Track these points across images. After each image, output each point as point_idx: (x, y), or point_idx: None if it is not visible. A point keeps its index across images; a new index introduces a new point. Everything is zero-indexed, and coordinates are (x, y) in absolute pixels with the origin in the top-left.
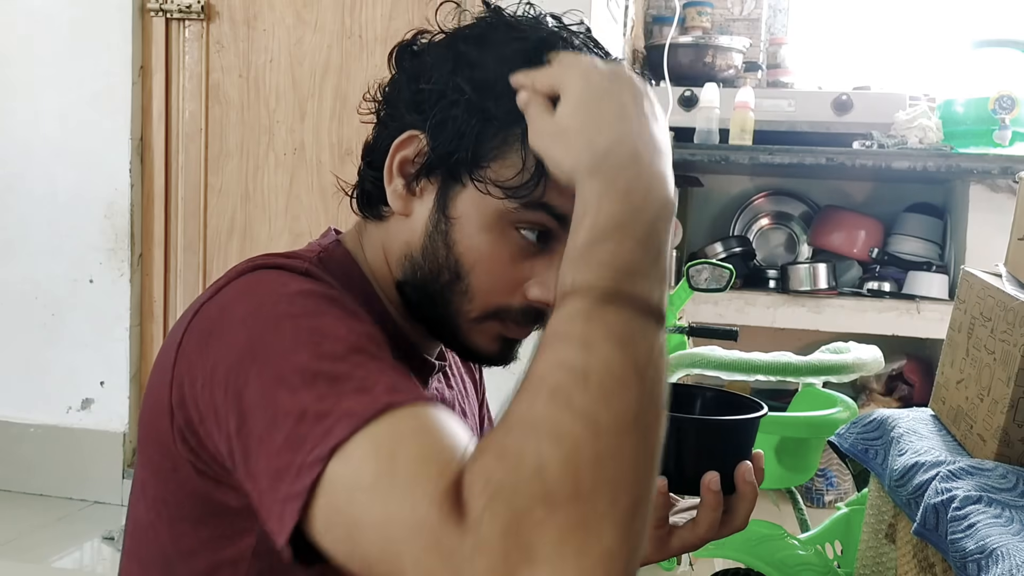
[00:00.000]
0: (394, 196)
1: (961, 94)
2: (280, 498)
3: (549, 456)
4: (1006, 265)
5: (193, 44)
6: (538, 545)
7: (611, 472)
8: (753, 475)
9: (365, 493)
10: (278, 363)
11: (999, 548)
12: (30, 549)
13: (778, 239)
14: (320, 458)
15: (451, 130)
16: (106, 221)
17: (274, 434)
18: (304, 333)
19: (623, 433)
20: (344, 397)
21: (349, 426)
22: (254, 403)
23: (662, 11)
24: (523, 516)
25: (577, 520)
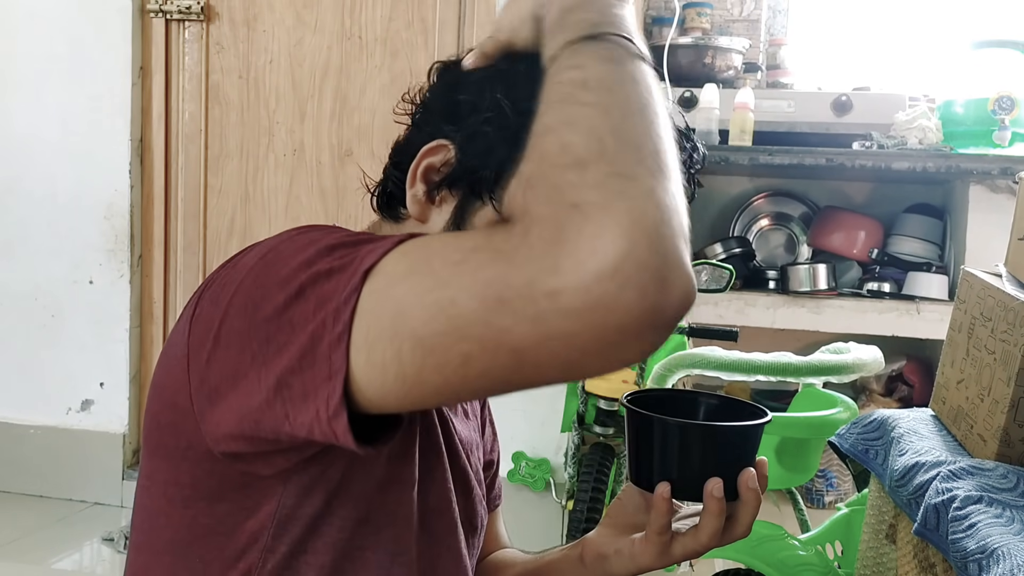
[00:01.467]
0: (413, 200)
1: (961, 95)
2: (323, 355)
3: (568, 136)
4: (1006, 265)
5: (193, 45)
6: (582, 198)
7: (630, 137)
8: (756, 482)
9: (403, 280)
10: (293, 261)
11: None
12: (30, 550)
13: (778, 240)
14: (354, 288)
15: (480, 146)
16: (106, 222)
17: (304, 307)
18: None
19: (632, 114)
20: (366, 245)
21: (375, 256)
22: (276, 303)
23: (662, 12)
24: (560, 183)
25: (609, 172)
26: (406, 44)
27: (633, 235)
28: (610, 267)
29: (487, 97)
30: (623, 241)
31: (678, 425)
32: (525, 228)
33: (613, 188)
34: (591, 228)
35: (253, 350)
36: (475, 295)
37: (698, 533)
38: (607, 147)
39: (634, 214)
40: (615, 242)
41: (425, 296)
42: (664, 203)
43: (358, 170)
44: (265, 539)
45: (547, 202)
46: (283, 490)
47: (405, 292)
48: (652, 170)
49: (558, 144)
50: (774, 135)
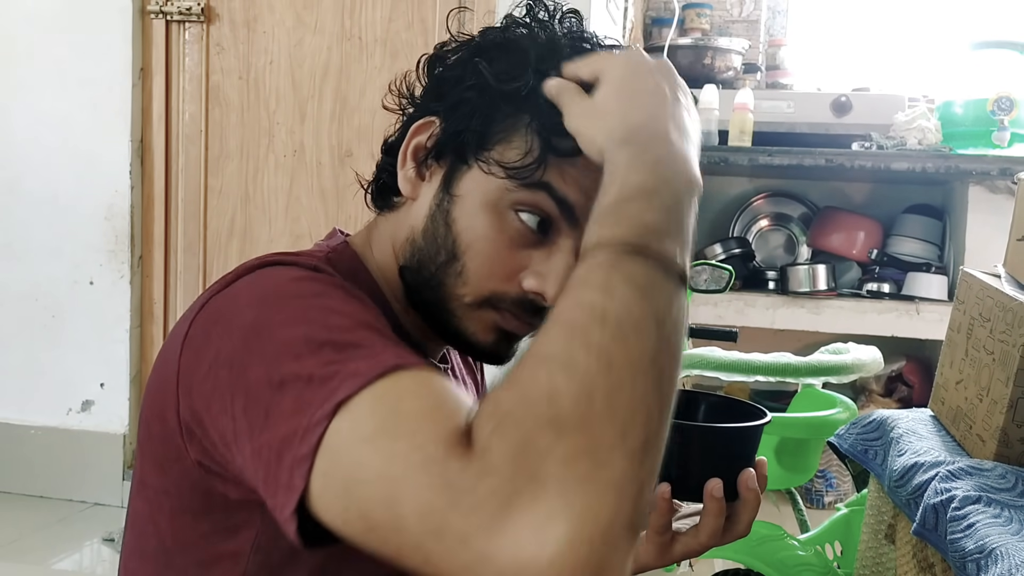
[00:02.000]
0: (404, 180)
1: (960, 95)
2: (287, 466)
3: (560, 385)
4: (1005, 266)
5: (193, 46)
6: (544, 470)
7: (622, 407)
8: (756, 482)
9: (366, 442)
10: (283, 338)
11: (998, 548)
12: (30, 551)
13: (777, 240)
14: (325, 416)
15: (463, 112)
16: (106, 223)
17: (281, 404)
18: (312, 310)
19: (637, 373)
20: (350, 361)
21: (354, 385)
22: (259, 379)
23: (661, 12)
24: (531, 441)
25: (585, 447)
26: (406, 45)
27: (580, 535)
28: (545, 560)
29: (467, 67)
30: (566, 541)
31: (678, 425)
32: (481, 471)
33: (579, 471)
34: (542, 510)
35: (234, 411)
36: (418, 512)
37: (698, 533)
38: (593, 413)
39: (589, 512)
40: (558, 537)
41: (377, 481)
42: (627, 491)
43: (358, 170)
44: (244, 564)
45: (510, 458)
46: (260, 519)
47: (363, 460)
48: (632, 447)
49: (547, 389)
50: (773, 136)
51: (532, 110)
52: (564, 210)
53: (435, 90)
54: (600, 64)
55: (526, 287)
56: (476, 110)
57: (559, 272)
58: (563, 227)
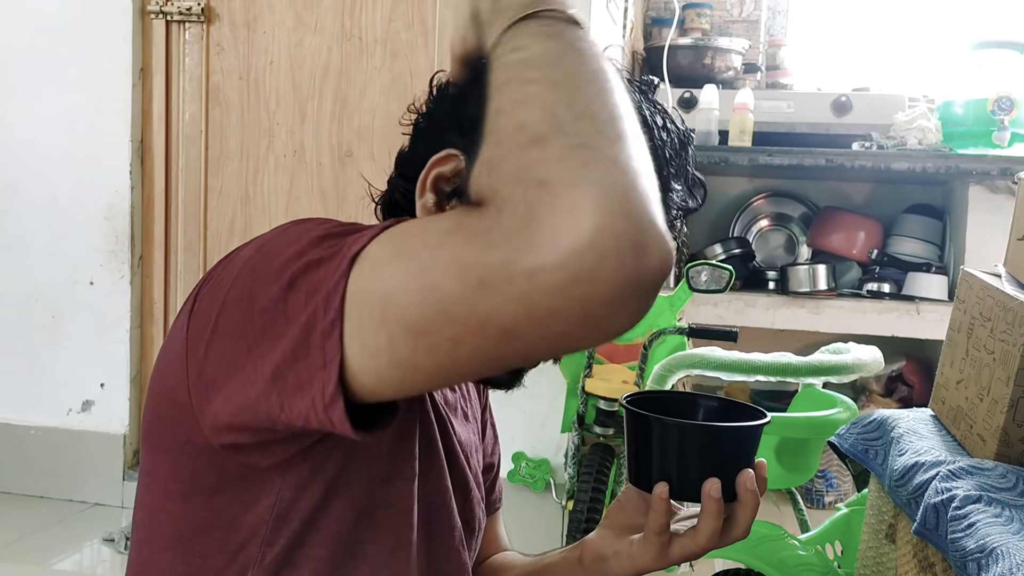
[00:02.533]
0: (423, 209)
1: (960, 95)
2: (317, 343)
3: (522, 114)
4: (1005, 265)
5: (193, 46)
6: (548, 176)
7: (586, 108)
8: (755, 483)
9: (387, 264)
10: (285, 252)
11: (999, 547)
12: (31, 551)
13: (777, 240)
14: (342, 274)
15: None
16: (106, 223)
17: (296, 297)
18: (310, 226)
19: (579, 84)
20: (353, 235)
21: (360, 243)
22: (269, 293)
23: (661, 13)
24: (524, 163)
25: (571, 143)
26: (406, 45)
27: (604, 205)
28: (586, 241)
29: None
30: (595, 213)
31: (677, 426)
32: (498, 209)
33: (577, 160)
34: (561, 203)
35: (249, 342)
36: (457, 278)
37: (696, 534)
38: (562, 120)
39: (603, 184)
40: (587, 215)
41: (410, 281)
42: (630, 168)
43: (358, 171)
44: (264, 533)
45: (514, 182)
46: (281, 483)
47: (391, 276)
48: (612, 137)
49: (513, 123)
50: (774, 136)
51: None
52: None
53: (458, 121)
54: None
55: None
56: None
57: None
58: None
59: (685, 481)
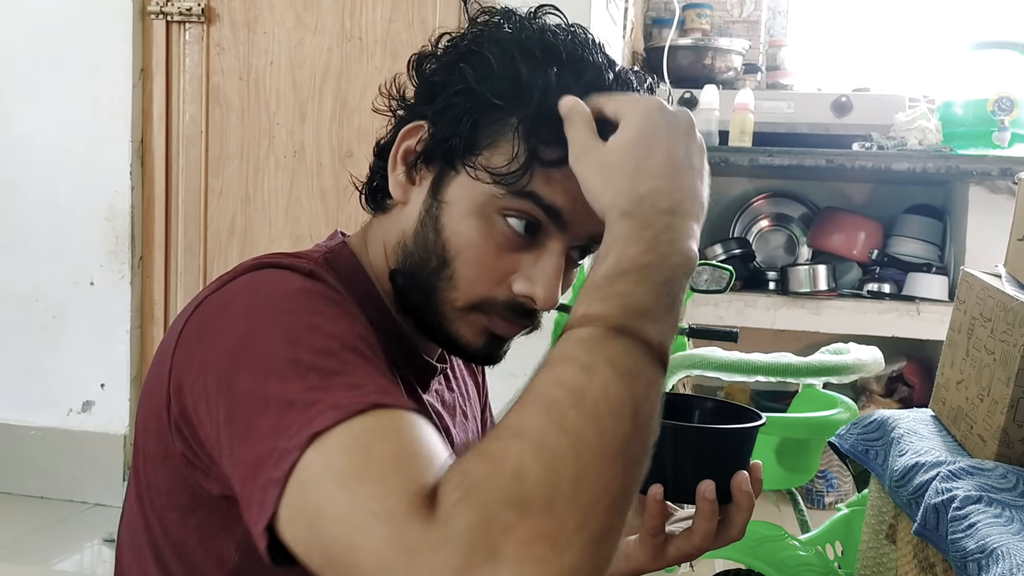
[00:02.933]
0: (395, 184)
1: (960, 96)
2: (260, 485)
3: (530, 463)
4: (1006, 266)
5: (194, 47)
6: (503, 548)
7: (588, 493)
8: (750, 485)
9: (334, 481)
10: (271, 355)
11: (999, 548)
12: (31, 551)
13: (778, 241)
14: (300, 444)
15: (450, 116)
16: (107, 224)
17: (262, 422)
18: (301, 329)
19: (608, 459)
20: (334, 390)
21: (333, 417)
22: (244, 392)
23: (661, 13)
24: (494, 516)
25: (547, 531)
26: (406, 45)
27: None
28: None
29: (454, 70)
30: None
31: (671, 427)
32: (440, 539)
33: (537, 554)
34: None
35: (218, 418)
36: (374, 564)
37: (691, 535)
38: (558, 496)
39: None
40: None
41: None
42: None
43: (358, 171)
44: (232, 563)
45: (470, 530)
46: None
47: (330, 498)
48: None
49: (515, 465)
50: (774, 136)
51: (520, 116)
52: (551, 215)
53: (424, 93)
54: (622, 108)
55: (516, 291)
56: (463, 115)
57: (548, 275)
58: (551, 230)
59: (680, 483)
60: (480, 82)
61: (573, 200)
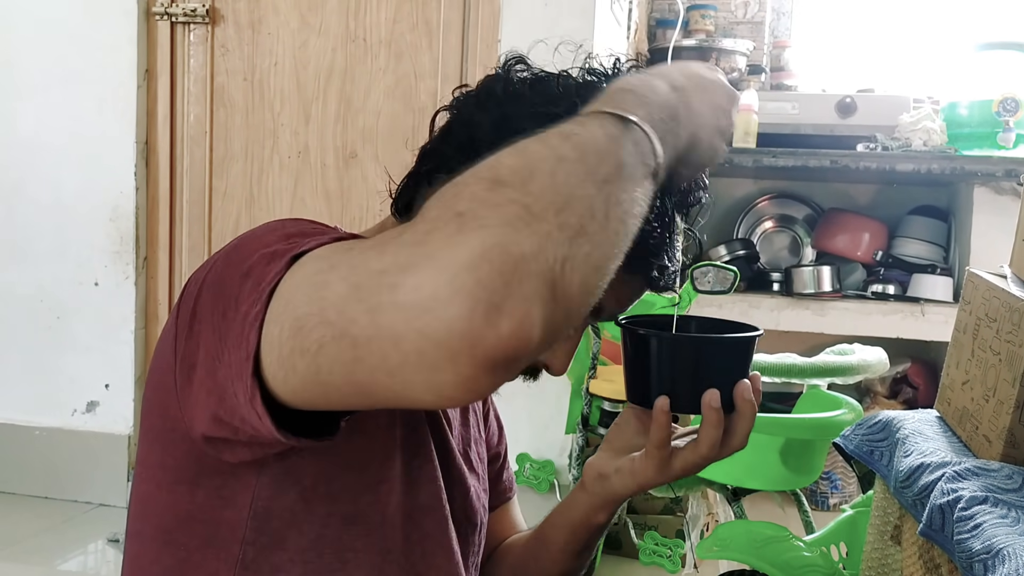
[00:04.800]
0: None
1: (965, 96)
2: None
3: (508, 158)
4: (1011, 266)
5: (198, 48)
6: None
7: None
8: (751, 393)
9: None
10: (259, 243)
11: (1005, 548)
12: (35, 552)
13: (782, 242)
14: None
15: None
16: (111, 224)
17: (245, 285)
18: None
19: (585, 180)
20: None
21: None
22: (232, 277)
23: (666, 14)
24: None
25: (518, 199)
26: (410, 46)
27: (491, 254)
28: (450, 274)
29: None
30: (478, 257)
31: (674, 339)
32: (411, 224)
33: (505, 215)
34: (458, 238)
35: (217, 327)
36: (344, 278)
37: (697, 445)
38: (534, 181)
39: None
40: (468, 255)
41: (312, 276)
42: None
43: (362, 172)
44: (243, 531)
45: (441, 204)
46: (257, 482)
47: (304, 273)
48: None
49: (493, 160)
50: (778, 137)
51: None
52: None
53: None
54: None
55: (544, 359)
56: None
57: (567, 351)
58: (588, 321)
59: (683, 394)
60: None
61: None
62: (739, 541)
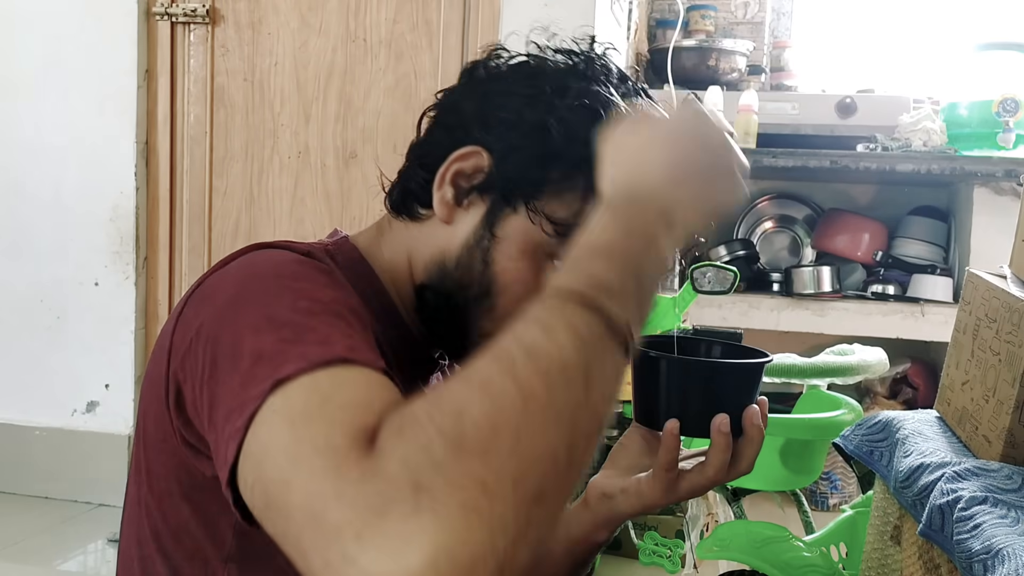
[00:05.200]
0: (440, 203)
1: (965, 97)
2: (225, 438)
3: (473, 405)
4: (1011, 267)
5: (198, 48)
6: (430, 484)
7: (527, 449)
8: (759, 419)
9: (285, 422)
10: (253, 312)
11: (1005, 548)
12: (34, 552)
13: (782, 242)
14: (262, 393)
15: (519, 159)
16: (111, 224)
17: (233, 376)
18: (286, 290)
19: (553, 421)
20: (304, 344)
21: (297, 367)
22: (223, 350)
23: (666, 14)
24: (427, 450)
25: (479, 475)
26: (410, 47)
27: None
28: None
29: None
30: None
31: (685, 362)
32: (372, 469)
33: (463, 498)
34: (414, 525)
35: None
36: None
37: (705, 468)
38: (496, 444)
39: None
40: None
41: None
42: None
43: (362, 172)
44: (228, 548)
45: (402, 462)
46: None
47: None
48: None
49: (458, 405)
50: (778, 137)
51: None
52: None
53: (483, 117)
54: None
55: None
56: (534, 160)
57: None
58: None
59: (693, 418)
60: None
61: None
62: (739, 541)
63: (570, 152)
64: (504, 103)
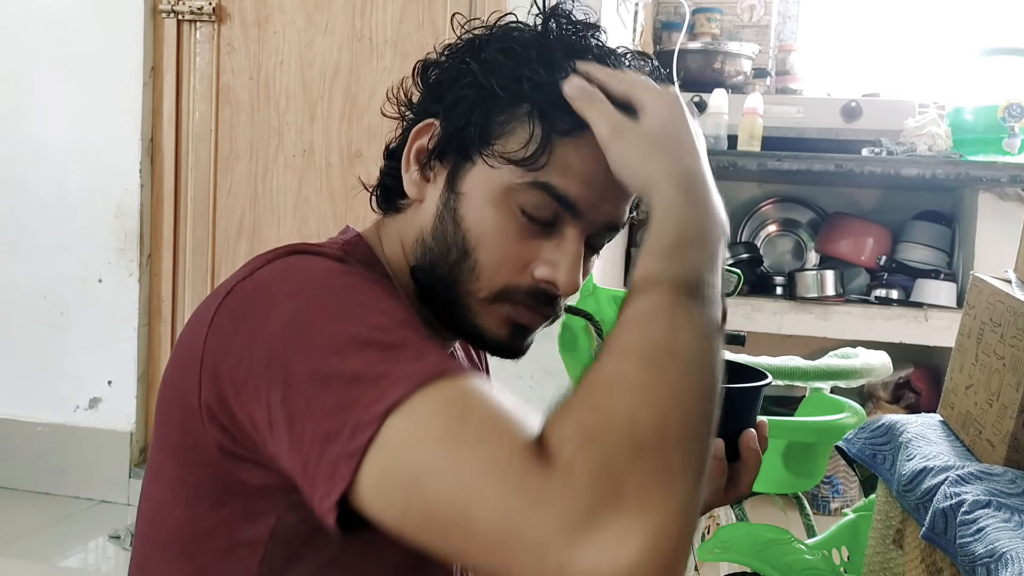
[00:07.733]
0: (410, 183)
1: (970, 102)
2: (331, 459)
3: (641, 412)
4: (1016, 271)
5: (204, 46)
6: (625, 487)
7: (689, 434)
8: (757, 443)
9: (434, 442)
10: (327, 334)
11: (1008, 552)
12: (36, 548)
13: (785, 246)
14: (377, 416)
15: (462, 109)
16: (115, 221)
17: (325, 398)
18: (350, 307)
19: (699, 405)
20: (398, 363)
21: (406, 387)
22: (302, 372)
23: (671, 17)
24: (613, 460)
25: (661, 469)
26: (416, 46)
27: (656, 548)
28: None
29: (460, 65)
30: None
31: None
32: (565, 484)
33: (656, 486)
34: (622, 523)
35: (269, 399)
36: (494, 519)
37: None
38: (668, 436)
39: (663, 528)
40: (637, 550)
41: (449, 484)
42: (691, 510)
43: (367, 171)
44: (262, 552)
45: (594, 474)
46: (281, 504)
47: (431, 463)
48: (694, 470)
49: (628, 415)
50: (783, 141)
51: (530, 97)
52: (565, 206)
53: (432, 92)
54: (639, 93)
55: (538, 276)
56: (474, 105)
57: (569, 260)
58: (567, 218)
59: None
60: (487, 75)
61: (588, 189)
62: (740, 544)
63: (501, 85)
64: (443, 74)
